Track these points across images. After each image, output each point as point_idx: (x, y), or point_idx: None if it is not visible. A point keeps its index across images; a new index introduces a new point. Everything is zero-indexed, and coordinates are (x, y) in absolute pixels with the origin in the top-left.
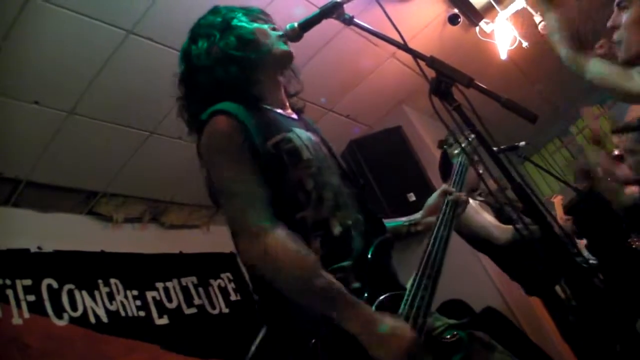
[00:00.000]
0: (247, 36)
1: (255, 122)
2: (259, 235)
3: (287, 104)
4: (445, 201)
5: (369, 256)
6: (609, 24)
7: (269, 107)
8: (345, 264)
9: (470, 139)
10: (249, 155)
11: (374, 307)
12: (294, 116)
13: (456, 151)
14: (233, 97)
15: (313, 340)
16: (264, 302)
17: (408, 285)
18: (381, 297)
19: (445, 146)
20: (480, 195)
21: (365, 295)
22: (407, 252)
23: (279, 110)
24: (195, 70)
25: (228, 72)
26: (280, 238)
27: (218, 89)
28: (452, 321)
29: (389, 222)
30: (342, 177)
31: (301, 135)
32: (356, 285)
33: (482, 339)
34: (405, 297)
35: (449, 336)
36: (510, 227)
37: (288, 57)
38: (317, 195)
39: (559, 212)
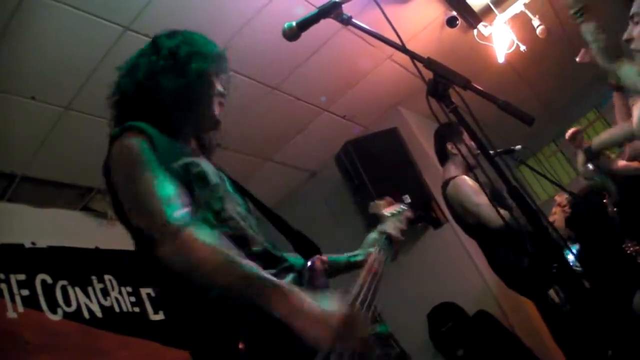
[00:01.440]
0: (201, 83)
1: (164, 144)
2: (173, 230)
3: (196, 143)
4: (383, 235)
5: (305, 271)
6: (624, 36)
7: (178, 140)
8: (273, 270)
9: (402, 209)
10: (160, 167)
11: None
12: (200, 154)
13: (388, 213)
14: (151, 120)
15: (241, 345)
16: (182, 316)
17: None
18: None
19: (377, 211)
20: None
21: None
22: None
23: (188, 146)
24: (132, 82)
25: (162, 97)
26: (197, 228)
27: (143, 107)
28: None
29: (329, 256)
30: (248, 212)
31: (206, 164)
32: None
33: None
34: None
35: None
36: (506, 212)
37: (215, 125)
38: (226, 215)
39: (558, 210)
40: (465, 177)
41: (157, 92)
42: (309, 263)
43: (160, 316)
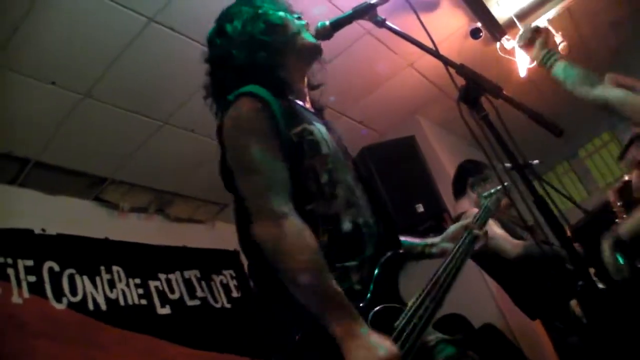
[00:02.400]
0: (276, 21)
1: (280, 108)
2: (279, 218)
3: (309, 98)
4: (466, 233)
5: (378, 266)
6: None
7: (292, 98)
8: (351, 263)
9: (505, 185)
10: (275, 137)
11: (370, 316)
12: (315, 112)
13: (485, 194)
14: (260, 81)
15: (297, 336)
16: (261, 290)
17: (410, 302)
18: (377, 308)
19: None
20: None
21: (367, 298)
22: (415, 272)
23: (301, 103)
24: (223, 53)
25: (256, 56)
26: (299, 227)
27: (246, 72)
28: (445, 336)
29: (405, 240)
30: (355, 179)
31: (321, 130)
32: (357, 287)
33: (472, 358)
34: (405, 312)
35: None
36: (522, 242)
37: (315, 49)
38: (330, 190)
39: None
40: None
41: (253, 51)
42: (385, 257)
43: (167, 310)
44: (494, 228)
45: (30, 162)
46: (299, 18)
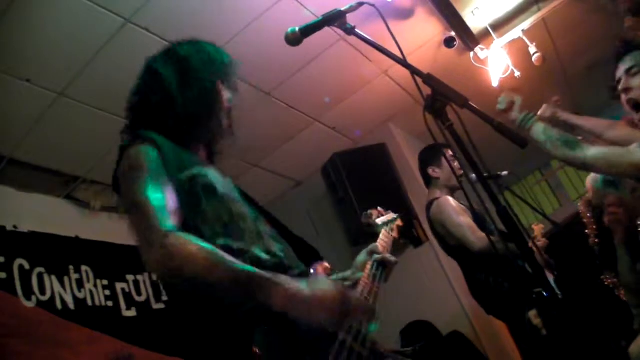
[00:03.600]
0: (211, 93)
1: (173, 155)
2: (159, 236)
3: (205, 156)
4: (372, 260)
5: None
6: (620, 87)
7: (188, 149)
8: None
9: (394, 218)
10: (163, 176)
11: None
12: (208, 163)
13: (380, 222)
14: (162, 129)
15: (255, 349)
16: (180, 306)
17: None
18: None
19: (370, 220)
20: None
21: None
22: None
23: (197, 155)
24: (148, 92)
25: (173, 106)
26: (181, 235)
27: (154, 115)
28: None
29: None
30: (258, 216)
31: (215, 174)
32: None
33: None
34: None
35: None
36: (487, 237)
37: (222, 135)
38: (235, 227)
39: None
40: (449, 198)
41: (168, 103)
42: (311, 270)
43: (132, 312)
44: (462, 218)
45: (4, 159)
46: (230, 101)
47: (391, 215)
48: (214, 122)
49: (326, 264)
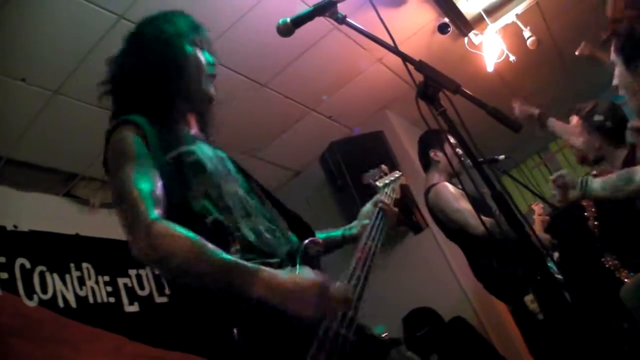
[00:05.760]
0: (177, 60)
1: (158, 136)
2: (143, 226)
3: (196, 126)
4: (377, 209)
5: (298, 258)
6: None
7: (176, 126)
8: (272, 260)
9: (396, 177)
10: (148, 161)
11: None
12: (201, 137)
13: (381, 184)
14: (143, 109)
15: (235, 330)
16: (179, 300)
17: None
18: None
19: (371, 180)
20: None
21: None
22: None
23: (186, 129)
24: (118, 75)
25: (143, 86)
26: (165, 225)
27: (132, 99)
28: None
29: (323, 233)
30: (248, 191)
31: (203, 149)
32: None
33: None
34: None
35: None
36: (489, 219)
37: (207, 98)
38: (223, 204)
39: (537, 220)
40: (447, 184)
41: (141, 81)
42: (303, 244)
43: (135, 308)
44: (462, 202)
45: (2, 160)
46: (212, 64)
47: (394, 175)
48: (193, 88)
49: (318, 240)
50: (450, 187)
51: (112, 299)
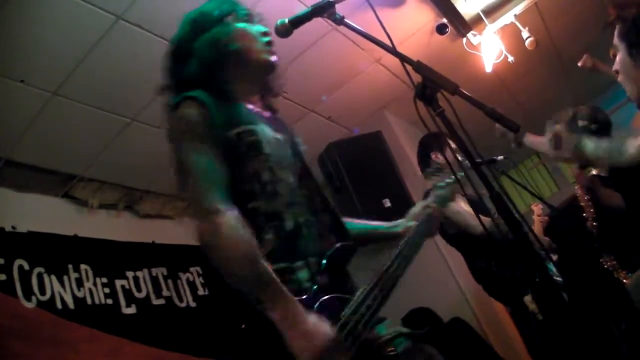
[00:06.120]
0: (222, 36)
1: (221, 112)
2: (212, 214)
3: (260, 101)
4: (425, 214)
5: (325, 258)
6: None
7: (239, 102)
8: (297, 263)
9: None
10: (211, 139)
11: (315, 307)
12: (265, 114)
13: (440, 184)
14: (204, 88)
15: (243, 325)
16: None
17: (357, 293)
18: (324, 298)
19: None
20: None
21: (313, 290)
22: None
23: (249, 106)
24: (174, 58)
25: (199, 67)
26: (232, 220)
27: (190, 79)
28: (404, 330)
29: (366, 225)
30: (301, 179)
31: (265, 130)
32: (306, 284)
33: (427, 352)
34: (351, 303)
35: (390, 349)
36: (488, 219)
37: (269, 67)
38: (271, 188)
39: (536, 220)
40: None
41: (199, 57)
42: (330, 251)
43: (132, 310)
44: (461, 204)
45: (0, 161)
46: (264, 33)
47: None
48: (250, 60)
49: (350, 245)
50: None
51: (109, 301)
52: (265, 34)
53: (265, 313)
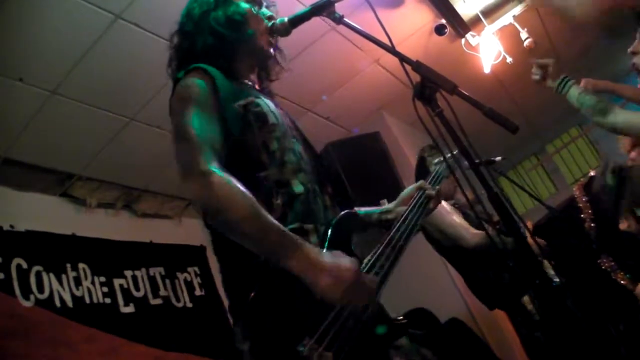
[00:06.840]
0: (236, 16)
1: (225, 83)
2: (205, 174)
3: (259, 83)
4: (419, 193)
5: (332, 226)
6: (630, 49)
7: (242, 78)
8: (308, 225)
9: (453, 152)
10: (212, 107)
11: None
12: (263, 92)
13: (435, 161)
14: (211, 62)
15: (252, 294)
16: (218, 249)
17: (366, 259)
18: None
19: (425, 154)
20: (454, 205)
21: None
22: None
23: (250, 84)
24: (184, 34)
25: (208, 43)
26: (226, 178)
27: (198, 55)
28: (411, 331)
29: (359, 210)
30: (303, 148)
31: (268, 103)
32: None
33: (423, 354)
34: (364, 264)
35: (399, 317)
36: (482, 232)
37: (267, 54)
38: (280, 156)
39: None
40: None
41: (207, 34)
42: (335, 218)
43: (130, 309)
44: (454, 217)
45: None
46: (270, 17)
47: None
48: (254, 42)
49: (355, 213)
50: (444, 203)
51: (107, 300)
52: (270, 17)
53: (278, 266)
